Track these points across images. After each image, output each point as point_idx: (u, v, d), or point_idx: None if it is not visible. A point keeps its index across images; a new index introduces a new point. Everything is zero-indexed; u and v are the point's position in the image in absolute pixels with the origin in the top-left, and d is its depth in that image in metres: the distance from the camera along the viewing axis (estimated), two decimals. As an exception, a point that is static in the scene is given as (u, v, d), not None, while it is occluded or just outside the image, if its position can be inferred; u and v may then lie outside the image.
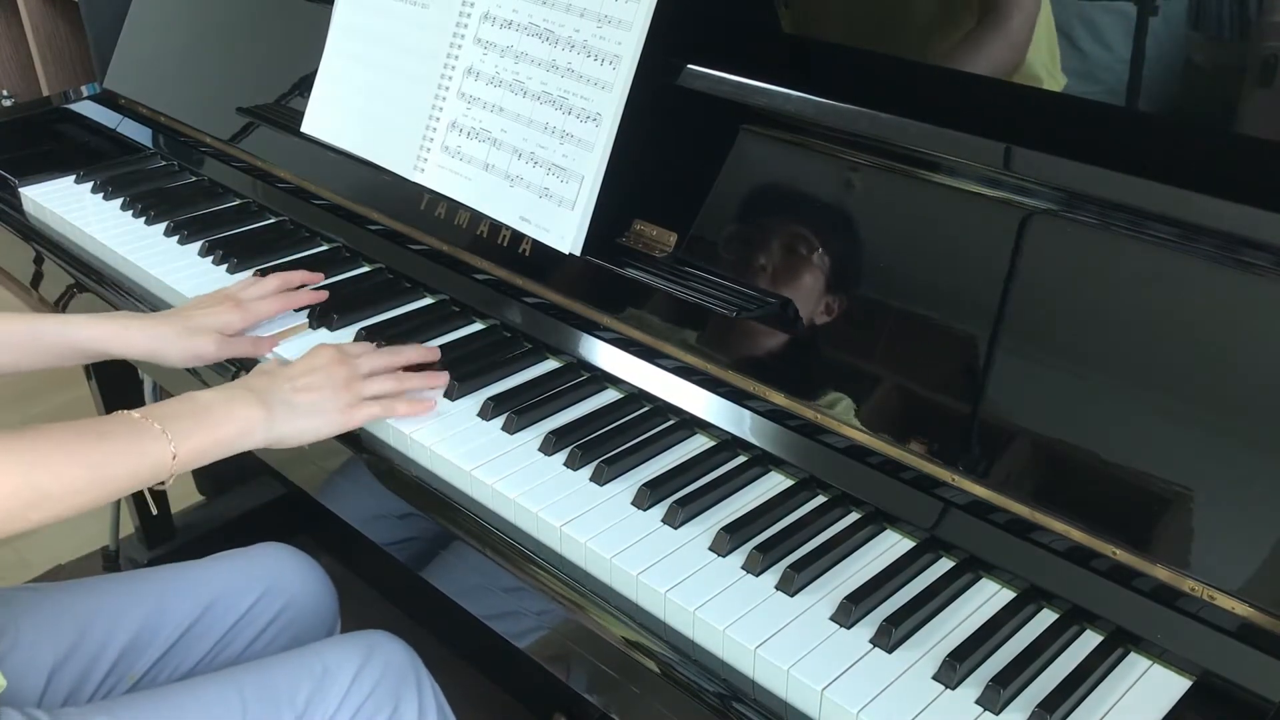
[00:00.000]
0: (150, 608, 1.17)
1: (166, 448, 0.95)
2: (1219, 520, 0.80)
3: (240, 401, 1.02)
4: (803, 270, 1.03)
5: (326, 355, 1.09)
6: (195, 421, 0.98)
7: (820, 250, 1.03)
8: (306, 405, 1.04)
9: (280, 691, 1.05)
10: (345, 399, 1.06)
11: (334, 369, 1.07)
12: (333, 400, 1.05)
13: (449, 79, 1.24)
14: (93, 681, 1.12)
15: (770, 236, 1.06)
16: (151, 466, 0.95)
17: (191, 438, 0.97)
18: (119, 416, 0.96)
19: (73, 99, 1.81)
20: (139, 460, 0.94)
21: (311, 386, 1.05)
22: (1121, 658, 0.83)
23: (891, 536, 0.95)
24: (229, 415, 1.00)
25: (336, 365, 1.08)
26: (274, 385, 1.05)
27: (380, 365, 1.11)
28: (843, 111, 1.01)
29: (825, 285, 1.02)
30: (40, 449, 0.90)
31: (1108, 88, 0.94)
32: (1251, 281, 0.82)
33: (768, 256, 1.06)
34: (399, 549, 1.09)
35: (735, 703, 0.82)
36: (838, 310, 1.01)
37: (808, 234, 1.04)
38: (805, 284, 1.03)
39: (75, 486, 0.91)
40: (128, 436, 0.95)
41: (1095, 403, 0.86)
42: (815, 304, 1.02)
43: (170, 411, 0.98)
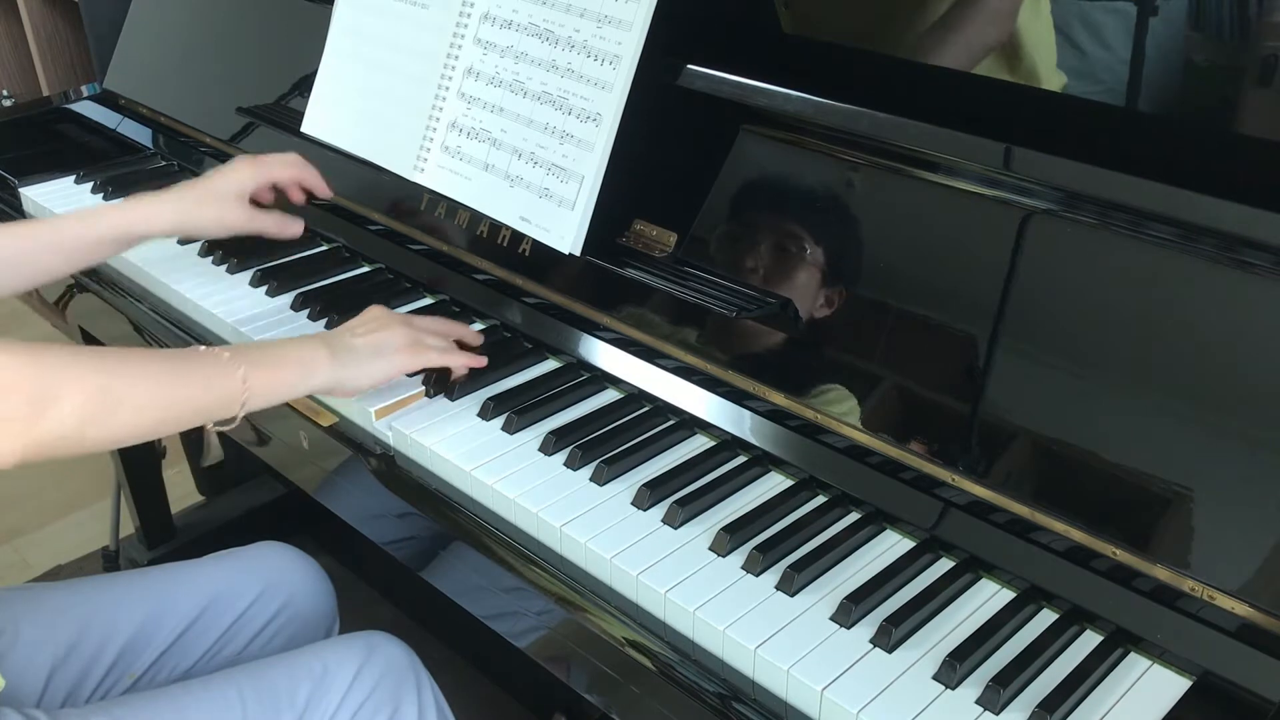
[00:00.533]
0: (149, 607, 1.17)
1: (238, 384, 0.97)
2: (1219, 520, 0.80)
3: (308, 344, 1.05)
4: (803, 270, 1.03)
5: (379, 310, 1.13)
6: (265, 358, 1.01)
7: (820, 250, 1.03)
8: (369, 346, 1.07)
9: (280, 691, 1.05)
10: (407, 338, 1.09)
11: (390, 318, 1.12)
12: (394, 339, 1.08)
13: (449, 79, 1.24)
14: (92, 681, 1.12)
15: (770, 236, 1.06)
16: (222, 399, 0.97)
17: (260, 371, 0.99)
18: (193, 349, 1.00)
19: (73, 99, 1.81)
20: (208, 391, 0.97)
21: (372, 331, 1.09)
22: (1121, 658, 0.83)
23: (891, 536, 0.95)
24: (296, 355, 1.04)
25: (391, 316, 1.12)
26: (336, 333, 1.09)
27: (433, 327, 1.14)
28: (843, 111, 1.01)
29: (825, 285, 1.02)
30: (117, 360, 0.92)
31: (1108, 88, 0.94)
32: (1251, 281, 0.82)
33: (768, 256, 1.06)
34: (398, 549, 1.09)
35: (735, 703, 0.82)
36: (838, 310, 1.01)
37: (807, 234, 1.04)
38: (805, 284, 1.03)
39: (147, 400, 0.93)
40: (203, 367, 0.97)
41: (1095, 403, 0.86)
42: (815, 304, 1.02)
43: (241, 348, 1.02)
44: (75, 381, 0.88)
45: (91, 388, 0.89)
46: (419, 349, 1.09)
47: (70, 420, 0.87)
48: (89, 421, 0.89)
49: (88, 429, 0.89)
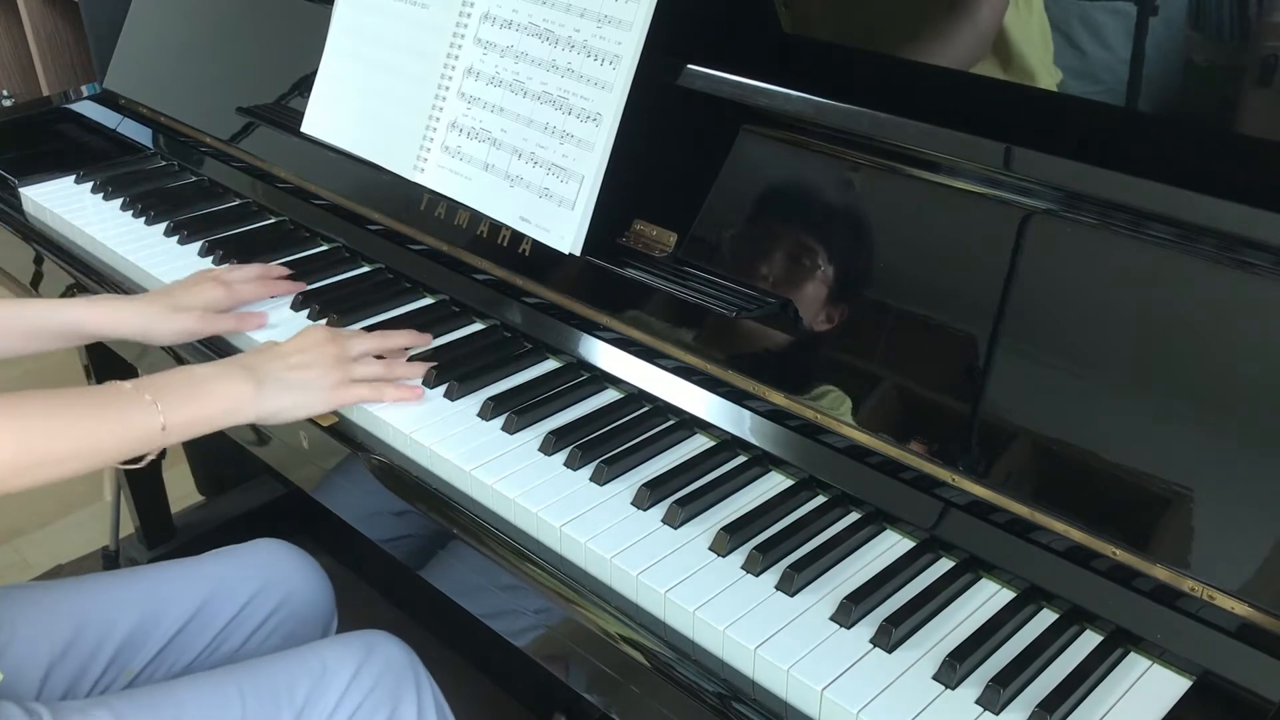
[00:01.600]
0: (147, 604, 1.17)
1: (156, 419, 0.97)
2: (1219, 520, 0.80)
3: (231, 377, 1.04)
4: (802, 270, 1.03)
5: (317, 335, 1.11)
6: (187, 394, 1.00)
7: (820, 250, 1.03)
8: (296, 382, 1.06)
9: (279, 688, 1.05)
10: (334, 377, 1.08)
11: (324, 347, 1.09)
12: (322, 378, 1.07)
13: (449, 79, 1.24)
14: (90, 678, 1.12)
15: (770, 236, 1.06)
16: (141, 437, 0.97)
17: (181, 410, 0.99)
18: (110, 386, 0.98)
19: (73, 99, 1.81)
20: (128, 430, 0.96)
21: (302, 365, 1.07)
22: (1121, 658, 0.83)
23: (891, 536, 0.95)
24: (220, 389, 1.02)
25: (327, 344, 1.10)
26: (265, 362, 1.07)
27: (371, 348, 1.13)
28: (843, 111, 1.01)
29: (825, 285, 1.02)
30: (33, 415, 0.92)
31: (1108, 87, 0.94)
32: (1251, 281, 0.82)
33: (767, 256, 1.06)
34: (398, 548, 1.09)
35: (735, 703, 0.82)
36: (837, 310, 1.01)
37: (807, 234, 1.04)
38: (805, 284, 1.03)
39: (66, 453, 0.92)
40: (119, 406, 0.96)
41: (1095, 402, 0.86)
42: (815, 304, 1.02)
43: (162, 384, 1.00)
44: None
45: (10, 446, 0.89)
46: (345, 388, 1.08)
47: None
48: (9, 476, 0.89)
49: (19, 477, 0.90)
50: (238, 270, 1.29)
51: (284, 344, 1.10)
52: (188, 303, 1.21)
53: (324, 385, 1.07)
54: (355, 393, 1.09)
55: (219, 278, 1.25)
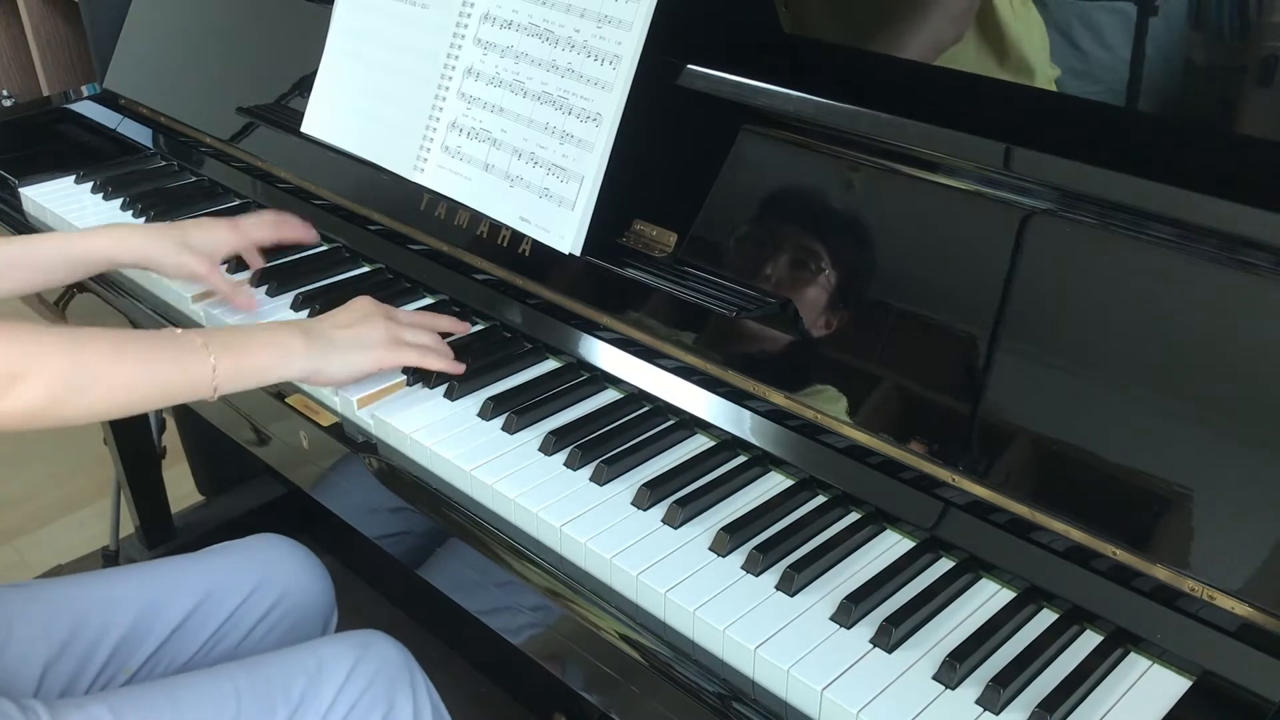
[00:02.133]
0: (145, 601, 1.17)
1: (208, 361, 0.99)
2: (1219, 520, 0.80)
3: (283, 329, 1.07)
4: (802, 270, 1.03)
5: (366, 304, 1.13)
6: (238, 343, 1.02)
7: (820, 250, 1.03)
8: (347, 340, 1.08)
9: (275, 686, 1.05)
10: (383, 337, 1.10)
11: (373, 314, 1.12)
12: (368, 337, 1.09)
13: (449, 79, 1.24)
14: (88, 676, 1.12)
15: (770, 236, 1.06)
16: (193, 379, 0.99)
17: (232, 357, 1.00)
18: (166, 332, 1.01)
19: (73, 99, 1.81)
20: (180, 373, 0.98)
21: (351, 324, 1.10)
22: (1121, 658, 0.83)
23: (891, 536, 0.95)
24: (270, 340, 1.05)
25: (376, 313, 1.12)
26: (314, 322, 1.10)
27: (416, 321, 1.16)
28: (843, 111, 1.01)
29: (825, 285, 1.02)
30: (90, 339, 0.93)
31: (1108, 87, 0.94)
32: (1251, 281, 0.82)
33: (767, 256, 1.06)
34: (398, 548, 1.09)
35: (735, 703, 0.82)
36: (837, 310, 1.01)
37: (807, 234, 1.04)
38: (805, 284, 1.03)
39: (119, 380, 0.94)
40: (173, 349, 0.98)
41: (1095, 402, 0.86)
42: (815, 304, 1.02)
43: (215, 333, 1.03)
44: (46, 359, 0.90)
45: (63, 367, 0.90)
46: (397, 347, 1.11)
47: (39, 398, 0.89)
48: (59, 400, 0.91)
49: (57, 406, 0.91)
50: (253, 215, 1.33)
51: (335, 311, 1.13)
52: (197, 242, 1.24)
53: (374, 343, 1.09)
54: (404, 354, 1.11)
55: (231, 220, 1.29)
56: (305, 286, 1.32)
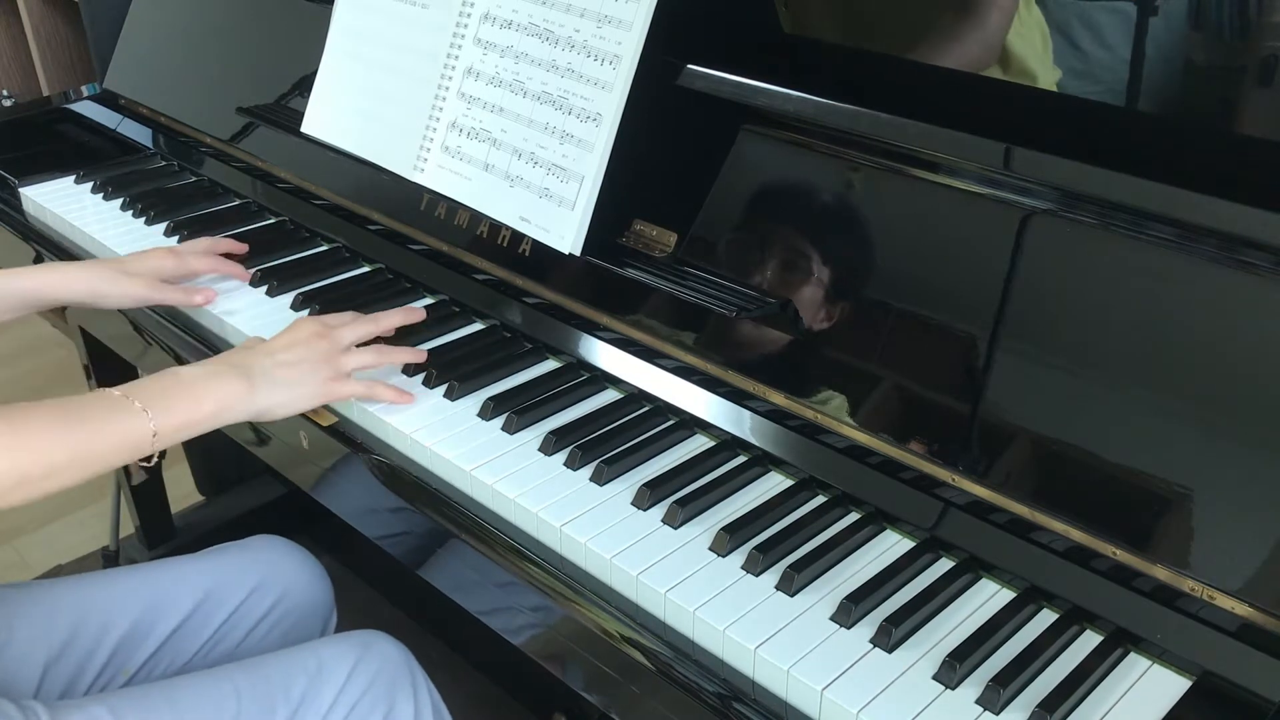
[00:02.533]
0: (145, 602, 1.17)
1: (147, 425, 0.96)
2: (1219, 520, 0.80)
3: (220, 376, 1.03)
4: (802, 270, 1.03)
5: (308, 328, 1.10)
6: (176, 398, 1.00)
7: (820, 250, 1.03)
8: (287, 379, 1.06)
9: (275, 687, 1.05)
10: (326, 372, 1.08)
11: (315, 342, 1.09)
12: (313, 373, 1.07)
13: (449, 79, 1.24)
14: (87, 677, 1.12)
15: (770, 236, 1.06)
16: (133, 445, 0.97)
17: (171, 415, 0.98)
18: (100, 395, 0.98)
19: (73, 99, 1.81)
20: (120, 439, 0.96)
21: (292, 361, 1.07)
22: (1121, 658, 0.83)
23: (891, 536, 0.95)
24: (210, 390, 1.02)
25: (317, 339, 1.09)
26: (255, 359, 1.06)
27: (362, 334, 1.13)
28: (843, 111, 1.01)
29: (825, 285, 1.02)
30: (21, 432, 0.91)
31: (1108, 87, 0.94)
32: (1251, 281, 0.82)
33: (767, 256, 1.06)
34: (399, 548, 1.09)
35: (735, 703, 0.82)
36: (837, 310, 1.01)
37: (807, 234, 1.04)
38: (805, 284, 1.03)
39: (56, 467, 0.92)
40: (109, 415, 0.96)
41: (1095, 402, 0.86)
42: (815, 304, 1.02)
43: (151, 389, 0.99)
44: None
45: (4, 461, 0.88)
46: (337, 383, 1.08)
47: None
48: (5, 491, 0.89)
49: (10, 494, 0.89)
50: (189, 243, 1.34)
51: (274, 339, 1.10)
52: (137, 269, 1.24)
53: (315, 380, 1.07)
54: (348, 389, 1.09)
55: (172, 248, 1.30)
56: (305, 286, 1.32)
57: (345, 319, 1.14)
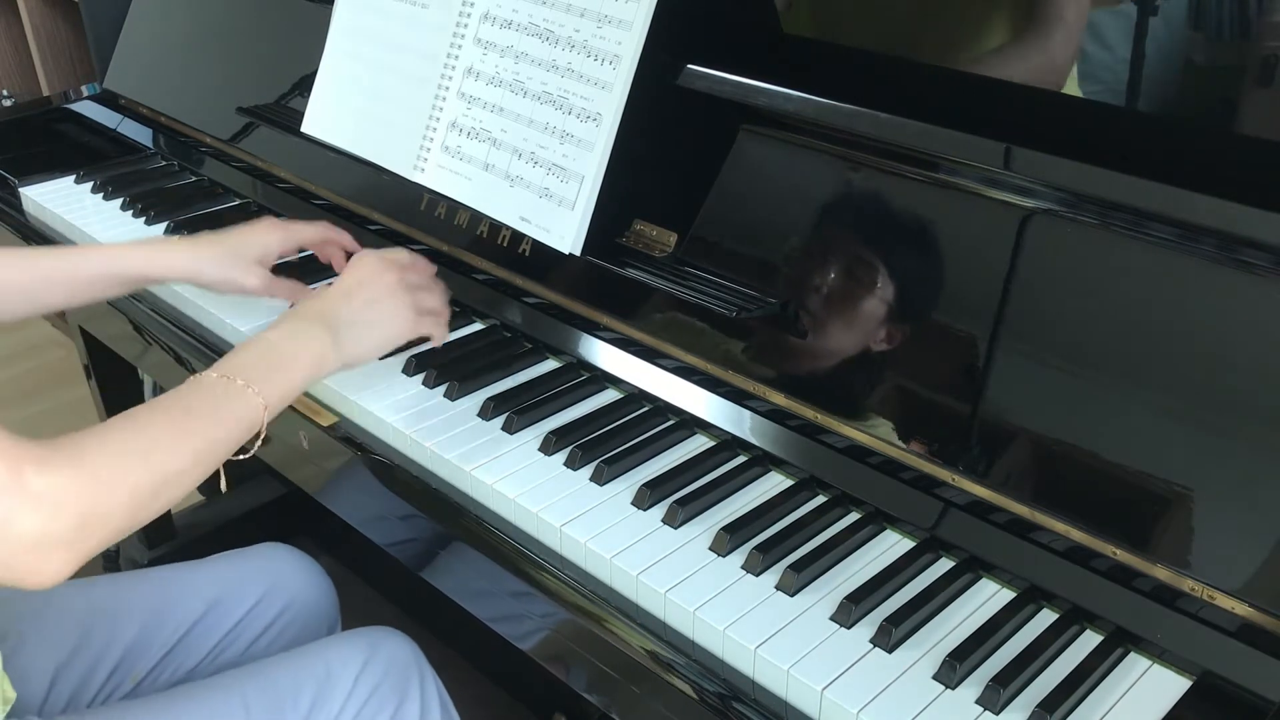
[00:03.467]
0: (152, 608, 1.17)
1: (257, 400, 0.93)
2: (1219, 520, 0.80)
3: (308, 334, 1.00)
4: (802, 270, 1.03)
5: (371, 264, 1.07)
6: (272, 368, 0.96)
7: (819, 250, 1.03)
8: (371, 320, 1.04)
9: (284, 695, 1.04)
10: (409, 306, 1.06)
11: (384, 276, 1.06)
12: (398, 310, 1.06)
13: (449, 79, 1.24)
14: (95, 683, 1.12)
15: (770, 236, 1.06)
16: (247, 424, 0.93)
17: (273, 384, 0.95)
18: (199, 383, 0.93)
19: (73, 99, 1.81)
20: (235, 422, 0.92)
21: (372, 300, 1.05)
22: (1121, 658, 0.83)
23: (891, 536, 0.95)
24: (302, 352, 0.99)
25: (385, 272, 1.07)
26: (332, 307, 1.03)
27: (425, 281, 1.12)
28: (843, 111, 1.01)
29: (824, 285, 1.02)
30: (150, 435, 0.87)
31: (1108, 88, 0.94)
32: (1251, 281, 0.82)
33: (767, 256, 1.06)
34: (399, 549, 1.09)
35: (735, 703, 0.82)
36: (837, 310, 1.01)
37: (807, 234, 1.04)
38: (805, 284, 1.03)
39: (189, 463, 0.88)
40: (219, 402, 0.92)
41: (1095, 403, 0.86)
42: (814, 304, 1.02)
43: (247, 363, 0.96)
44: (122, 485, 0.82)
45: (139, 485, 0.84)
46: (421, 317, 1.08)
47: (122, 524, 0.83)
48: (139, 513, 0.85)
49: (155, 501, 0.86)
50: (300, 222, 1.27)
51: (343, 281, 1.06)
52: (244, 251, 1.18)
53: (402, 316, 1.06)
54: (425, 325, 1.08)
55: (277, 221, 1.23)
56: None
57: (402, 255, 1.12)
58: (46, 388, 2.69)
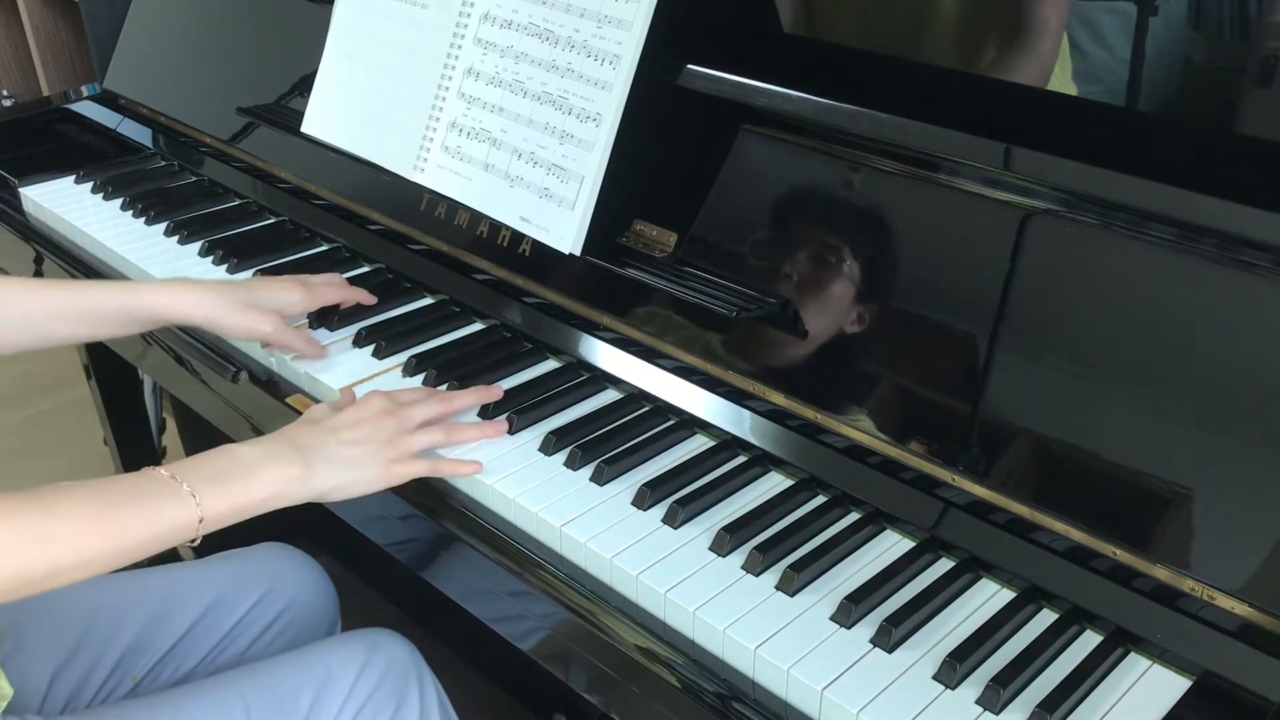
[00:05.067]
0: (152, 608, 1.17)
1: (193, 511, 0.89)
2: (1219, 520, 0.80)
3: (279, 457, 0.96)
4: (802, 270, 1.03)
5: (376, 406, 1.02)
6: (229, 483, 0.93)
7: (819, 250, 1.03)
8: (349, 459, 0.98)
9: (284, 695, 1.04)
10: (390, 454, 1.00)
11: (382, 420, 1.01)
12: (376, 455, 0.99)
13: (449, 79, 1.24)
14: (94, 684, 1.12)
15: (770, 236, 1.06)
16: (176, 532, 0.89)
17: (221, 499, 0.91)
18: (147, 475, 0.91)
19: (73, 99, 1.81)
20: (161, 525, 0.88)
21: (356, 440, 0.99)
22: (1121, 658, 0.83)
23: (891, 536, 0.95)
24: (266, 474, 0.95)
25: (385, 417, 1.01)
26: (318, 439, 0.99)
27: (434, 414, 1.04)
28: (843, 111, 1.01)
29: (825, 285, 1.02)
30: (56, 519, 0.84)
31: (1108, 88, 0.95)
32: (1251, 281, 0.82)
33: (767, 256, 1.06)
34: (399, 549, 1.09)
35: (735, 703, 0.82)
36: (837, 310, 1.01)
37: (807, 234, 1.04)
38: (804, 284, 1.03)
39: (91, 557, 0.85)
40: (152, 500, 0.89)
41: (1095, 403, 0.86)
42: (815, 304, 1.02)
43: (204, 470, 0.92)
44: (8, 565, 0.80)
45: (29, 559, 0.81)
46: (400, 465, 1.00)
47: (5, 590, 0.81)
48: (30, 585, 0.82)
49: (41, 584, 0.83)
50: (323, 276, 1.25)
51: (340, 415, 1.01)
52: (263, 300, 1.15)
53: (378, 462, 0.99)
54: (411, 468, 1.01)
55: (302, 279, 1.20)
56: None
57: (416, 395, 1.06)
58: (46, 388, 2.69)
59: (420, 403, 1.04)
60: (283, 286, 1.18)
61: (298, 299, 1.18)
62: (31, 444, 2.54)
